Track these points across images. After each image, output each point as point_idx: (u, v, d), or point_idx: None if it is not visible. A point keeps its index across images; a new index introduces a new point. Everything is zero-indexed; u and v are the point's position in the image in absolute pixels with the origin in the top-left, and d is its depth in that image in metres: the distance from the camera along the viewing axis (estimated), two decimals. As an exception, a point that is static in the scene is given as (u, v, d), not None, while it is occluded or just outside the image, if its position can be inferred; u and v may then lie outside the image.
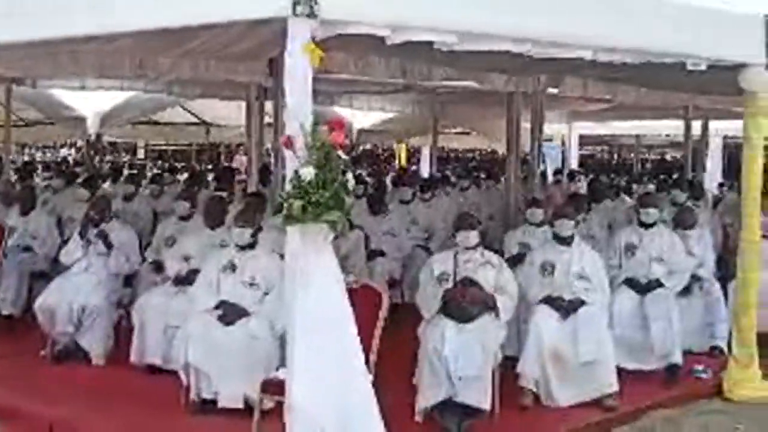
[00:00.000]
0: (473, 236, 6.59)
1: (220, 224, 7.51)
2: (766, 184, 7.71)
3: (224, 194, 9.95)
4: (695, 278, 8.06)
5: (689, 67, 6.62)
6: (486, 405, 5.99)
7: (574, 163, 21.30)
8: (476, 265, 6.52)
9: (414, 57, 7.59)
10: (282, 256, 5.09)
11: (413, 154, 25.38)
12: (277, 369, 5.49)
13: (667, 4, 6.36)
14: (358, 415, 4.68)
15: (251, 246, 6.60)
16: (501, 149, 18.50)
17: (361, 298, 5.13)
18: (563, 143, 21.16)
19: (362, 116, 15.63)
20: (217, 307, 6.36)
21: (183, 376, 6.28)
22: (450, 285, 6.38)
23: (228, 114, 16.06)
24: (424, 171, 19.45)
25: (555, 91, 9.93)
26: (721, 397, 7.18)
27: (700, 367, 7.52)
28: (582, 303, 6.73)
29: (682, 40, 6.44)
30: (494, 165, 23.34)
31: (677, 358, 7.24)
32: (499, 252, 7.58)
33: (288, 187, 4.57)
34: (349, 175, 4.63)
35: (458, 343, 6.02)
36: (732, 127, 15.60)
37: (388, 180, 15.16)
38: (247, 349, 6.14)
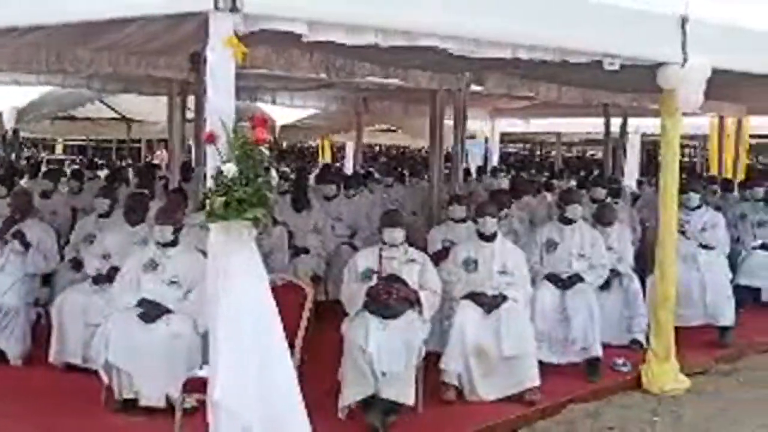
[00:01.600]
0: (399, 234, 6.62)
1: (140, 221, 7.41)
2: (683, 180, 7.89)
3: (145, 191, 9.82)
4: (615, 273, 8.19)
5: (606, 67, 6.73)
6: (410, 400, 6.02)
7: (496, 160, 21.51)
8: (400, 262, 6.54)
9: (338, 53, 7.57)
10: (204, 254, 5.06)
11: (337, 151, 25.35)
12: (200, 367, 5.43)
13: (585, 3, 6.46)
14: (283, 412, 4.65)
15: (173, 243, 6.53)
16: (425, 146, 18.56)
17: (284, 295, 5.10)
18: (486, 140, 21.33)
19: (285, 112, 15.54)
20: (137, 305, 6.27)
21: (103, 376, 6.18)
22: (374, 282, 6.39)
23: (149, 109, 15.84)
24: (348, 167, 19.44)
25: (478, 88, 10.00)
26: (640, 389, 7.33)
27: (619, 361, 7.65)
28: (504, 298, 6.79)
29: (601, 39, 6.54)
30: (418, 162, 23.44)
31: (597, 352, 7.35)
32: (423, 248, 7.61)
33: (210, 183, 4.53)
34: (272, 172, 4.60)
35: (382, 340, 6.03)
36: (650, 124, 15.93)
37: (311, 177, 15.11)
38: (168, 347, 6.08)
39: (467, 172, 15.79)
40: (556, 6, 6.24)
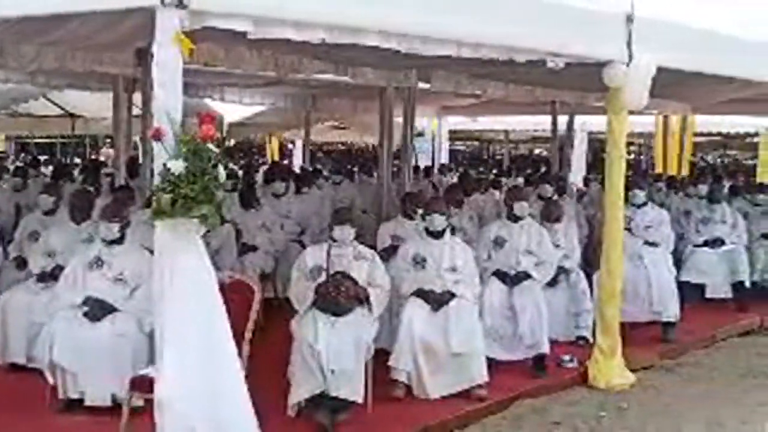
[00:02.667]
0: (350, 231, 6.61)
1: (86, 219, 7.31)
2: (628, 178, 7.97)
3: (90, 188, 9.70)
4: (562, 270, 8.26)
5: (549, 65, 6.78)
6: (359, 398, 6.02)
7: (444, 158, 21.58)
8: (349, 259, 6.53)
9: (286, 50, 7.54)
10: (151, 251, 5.01)
11: (286, 148, 25.25)
12: (147, 366, 5.38)
13: (531, 2, 6.50)
14: (231, 411, 4.63)
15: (119, 241, 6.45)
16: (374, 143, 18.57)
17: (232, 293, 5.07)
18: (434, 138, 21.39)
19: (233, 109, 15.45)
20: (83, 304, 6.19)
21: (48, 375, 6.09)
22: (323, 279, 6.37)
23: (95, 105, 15.64)
24: (297, 165, 19.38)
25: (426, 86, 10.02)
26: (587, 385, 7.40)
27: (566, 357, 7.72)
28: (453, 295, 6.81)
29: (546, 37, 6.58)
30: (367, 159, 23.44)
31: (545, 348, 7.40)
32: (373, 245, 7.61)
33: (157, 180, 4.49)
34: (220, 169, 4.56)
35: (331, 337, 6.02)
36: (596, 122, 16.09)
37: (260, 174, 15.04)
38: (114, 346, 6.01)
39: (416, 169, 15.82)
40: (501, 4, 6.26)
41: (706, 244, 10.24)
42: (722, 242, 10.24)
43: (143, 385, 5.10)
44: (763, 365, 8.33)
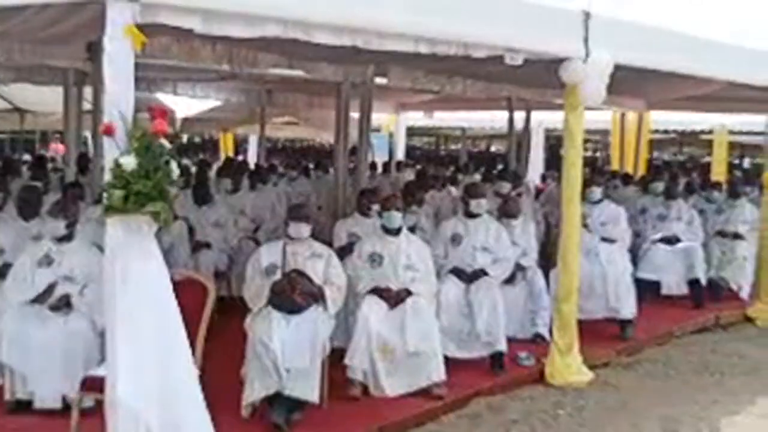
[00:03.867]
0: (306, 229, 6.54)
1: (34, 215, 7.15)
2: (585, 175, 7.98)
3: (39, 184, 9.51)
4: (519, 267, 8.25)
5: (507, 62, 6.76)
6: (314, 397, 5.96)
7: (401, 154, 21.56)
8: (305, 257, 6.46)
9: (240, 44, 7.44)
10: (101, 249, 4.91)
11: (240, 144, 25.08)
12: (99, 366, 5.27)
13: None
14: (184, 411, 4.54)
15: (68, 238, 6.31)
16: (330, 139, 18.48)
17: (186, 291, 4.97)
18: (391, 134, 21.37)
19: (187, 104, 15.30)
20: (34, 301, 6.06)
21: (-4, 376, 5.96)
22: (278, 277, 6.30)
23: (44, 100, 15.37)
24: (252, 161, 19.24)
25: (383, 81, 9.96)
26: (544, 383, 7.40)
27: (523, 354, 7.71)
28: (409, 293, 6.78)
29: (503, 33, 6.56)
30: (323, 155, 23.34)
31: (502, 346, 7.39)
32: (329, 242, 7.54)
33: (108, 176, 4.38)
34: (173, 165, 4.47)
35: (286, 336, 5.96)
36: (554, 118, 16.16)
37: (213, 170, 14.89)
38: (65, 346, 5.91)
39: (373, 165, 15.77)
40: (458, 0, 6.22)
41: (662, 240, 10.30)
42: (678, 239, 10.31)
43: (94, 385, 5.00)
44: (718, 362, 8.40)
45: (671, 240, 10.30)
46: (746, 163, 30.26)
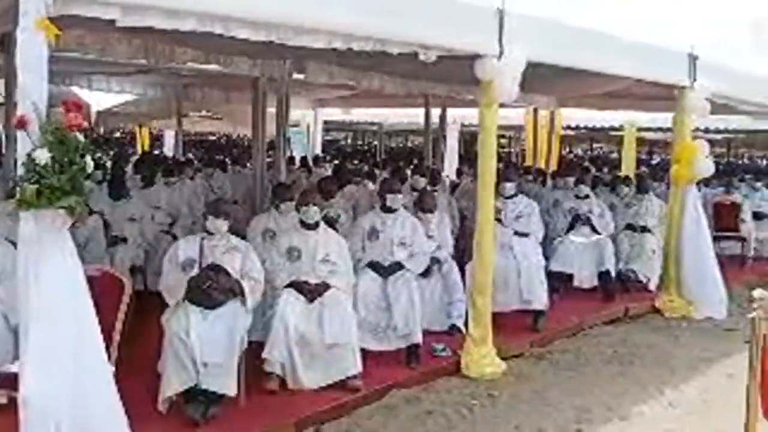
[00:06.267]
0: (224, 224, 6.52)
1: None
2: (499, 170, 8.10)
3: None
4: (435, 260, 8.32)
5: (421, 58, 6.83)
6: (231, 391, 5.97)
7: (319, 149, 21.57)
8: (222, 251, 6.45)
9: (157, 37, 7.39)
10: (14, 244, 4.84)
11: (156, 138, 24.80)
12: (12, 362, 5.20)
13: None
14: (98, 409, 4.52)
15: (-21, 233, 6.21)
16: (247, 134, 18.40)
17: (101, 287, 4.96)
18: (308, 129, 21.36)
19: (102, 97, 15.09)
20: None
21: None
22: (196, 271, 6.28)
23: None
24: (168, 155, 19.05)
25: (300, 76, 9.98)
26: (459, 374, 7.50)
27: (439, 346, 7.80)
28: (327, 287, 6.81)
29: (417, 30, 6.63)
30: (240, 149, 23.22)
31: (418, 338, 7.47)
32: (245, 237, 7.54)
33: (21, 170, 4.34)
34: (88, 159, 4.44)
35: (204, 330, 5.95)
36: (469, 115, 16.35)
37: (129, 164, 14.71)
38: (-24, 343, 5.78)
39: (290, 160, 15.75)
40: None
41: (573, 224, 10.50)
42: (589, 220, 10.52)
43: (8, 382, 4.92)
44: (628, 352, 8.60)
45: (584, 220, 10.54)
46: (654, 159, 31.01)
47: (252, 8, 5.41)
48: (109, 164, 13.17)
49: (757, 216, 14.81)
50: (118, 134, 32.64)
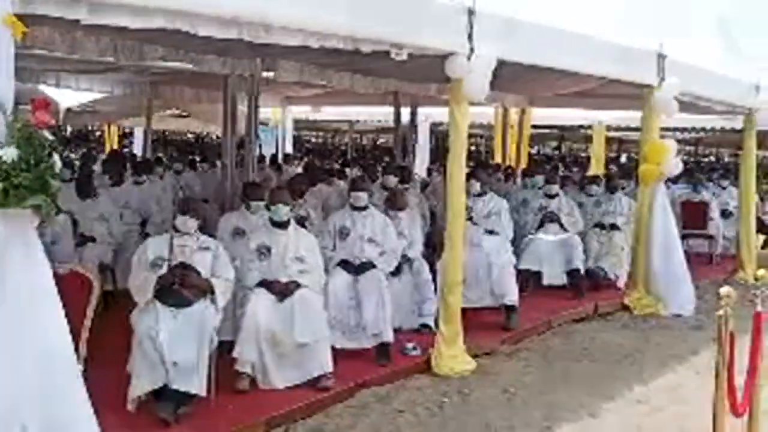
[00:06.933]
0: (193, 223, 6.50)
1: None
2: (469, 168, 8.13)
3: None
4: (405, 259, 8.35)
5: (393, 57, 6.84)
6: (202, 391, 5.95)
7: (289, 147, 21.51)
8: (193, 250, 6.43)
9: (125, 35, 7.34)
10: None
11: (125, 137, 24.62)
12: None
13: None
14: (66, 410, 4.46)
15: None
16: (217, 132, 18.31)
17: (70, 286, 4.90)
18: (278, 127, 21.29)
19: (71, 95, 14.94)
20: None
21: None
22: (165, 270, 6.25)
23: None
24: (138, 153, 18.92)
25: (271, 74, 9.95)
26: (430, 373, 7.51)
27: (410, 345, 7.81)
28: (298, 285, 6.80)
29: (389, 28, 6.64)
30: (210, 148, 23.13)
31: (389, 337, 7.48)
32: (215, 235, 7.51)
33: (-12, 169, 4.29)
34: (56, 157, 4.40)
35: (173, 329, 5.94)
36: (439, 113, 16.35)
37: (98, 163, 14.61)
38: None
39: (261, 159, 15.70)
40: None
41: (541, 225, 10.55)
42: (558, 218, 10.57)
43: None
44: (597, 349, 8.68)
45: (552, 218, 10.59)
46: (623, 157, 31.20)
47: (223, 6, 5.39)
48: (77, 163, 13.07)
49: (724, 214, 14.97)
50: (87, 132, 32.38)
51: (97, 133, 29.99)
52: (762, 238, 15.92)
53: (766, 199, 17.34)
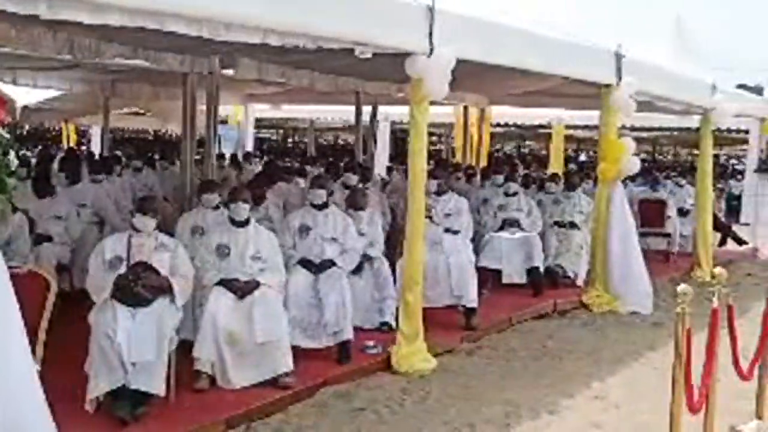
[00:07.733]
0: (152, 222, 6.45)
1: None
2: (430, 167, 8.15)
3: None
4: (366, 257, 8.35)
5: (357, 54, 6.84)
6: (160, 390, 5.91)
7: (249, 146, 21.44)
8: (151, 249, 6.38)
9: (83, 32, 7.27)
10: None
11: (83, 135, 24.40)
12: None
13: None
14: (23, 411, 4.42)
15: None
16: (177, 130, 18.21)
17: (26, 285, 4.85)
18: (239, 125, 21.21)
19: (27, 93, 14.76)
20: None
21: None
22: (123, 269, 6.20)
23: None
24: (95, 151, 18.76)
25: (231, 72, 9.90)
26: (390, 371, 7.53)
27: (370, 343, 7.82)
28: (257, 284, 6.78)
29: (350, 27, 6.64)
30: (169, 146, 22.98)
31: (349, 335, 7.48)
32: (174, 234, 7.46)
33: (-58, 167, 4.24)
34: (12, 155, 4.36)
35: (132, 329, 5.89)
36: (399, 112, 16.40)
37: (55, 161, 14.44)
38: None
39: (221, 157, 15.62)
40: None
41: (502, 228, 10.60)
42: (518, 223, 10.63)
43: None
44: (556, 347, 8.74)
45: (512, 223, 10.63)
46: (582, 156, 31.47)
47: (182, 3, 5.35)
48: (34, 161, 12.93)
49: (681, 212, 15.16)
50: (44, 130, 32.04)
51: (55, 131, 29.69)
52: (718, 236, 16.16)
53: (722, 198, 17.58)
